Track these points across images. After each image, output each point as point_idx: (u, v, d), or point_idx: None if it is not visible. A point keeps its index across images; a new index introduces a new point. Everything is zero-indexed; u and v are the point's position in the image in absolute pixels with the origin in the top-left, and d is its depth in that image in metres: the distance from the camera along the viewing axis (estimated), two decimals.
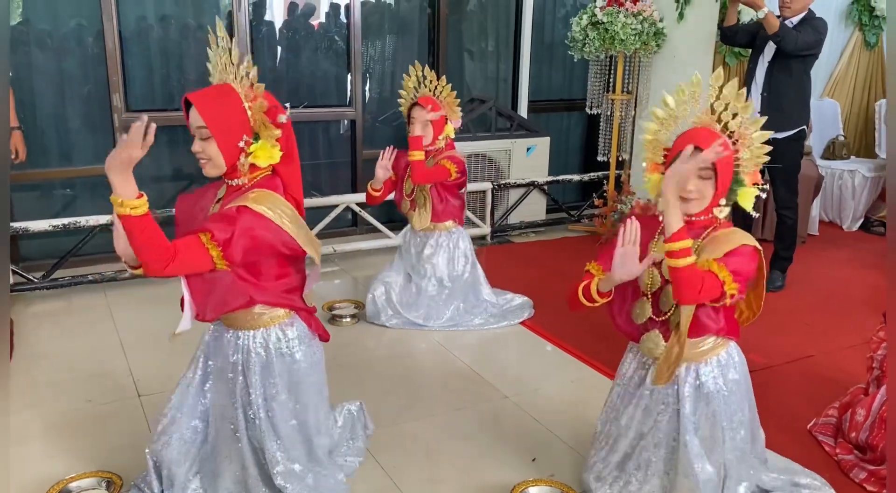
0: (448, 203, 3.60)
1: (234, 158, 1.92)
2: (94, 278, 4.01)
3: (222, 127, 1.89)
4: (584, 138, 6.21)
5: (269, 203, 1.89)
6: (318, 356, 2.18)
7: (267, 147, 1.94)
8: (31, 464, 2.40)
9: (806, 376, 3.15)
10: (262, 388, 2.05)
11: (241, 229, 1.82)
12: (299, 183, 2.04)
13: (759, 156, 1.94)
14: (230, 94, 1.93)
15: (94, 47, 4.31)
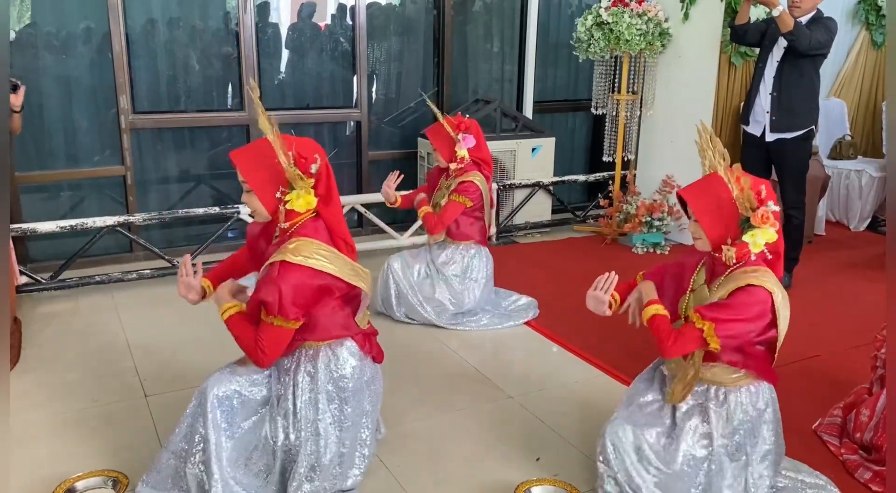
0: (462, 227, 3.65)
1: (274, 208, 2.09)
2: (101, 278, 4.03)
3: (258, 181, 2.05)
4: (589, 139, 6.21)
5: (306, 252, 2.03)
6: (370, 376, 2.25)
7: (301, 196, 2.05)
8: (37, 463, 2.42)
9: (811, 376, 3.14)
10: (309, 405, 2.13)
11: (286, 288, 1.99)
12: (342, 222, 2.18)
13: (750, 198, 1.98)
14: (265, 148, 2.04)
15: (100, 49, 4.34)
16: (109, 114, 4.41)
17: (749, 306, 1.98)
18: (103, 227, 4.02)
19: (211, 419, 2.06)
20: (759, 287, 1.98)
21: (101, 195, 4.56)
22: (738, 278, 2.01)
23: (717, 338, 1.96)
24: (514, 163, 5.24)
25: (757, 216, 1.96)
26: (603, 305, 2.18)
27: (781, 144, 4.07)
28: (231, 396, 2.11)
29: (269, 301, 1.99)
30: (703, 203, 2.02)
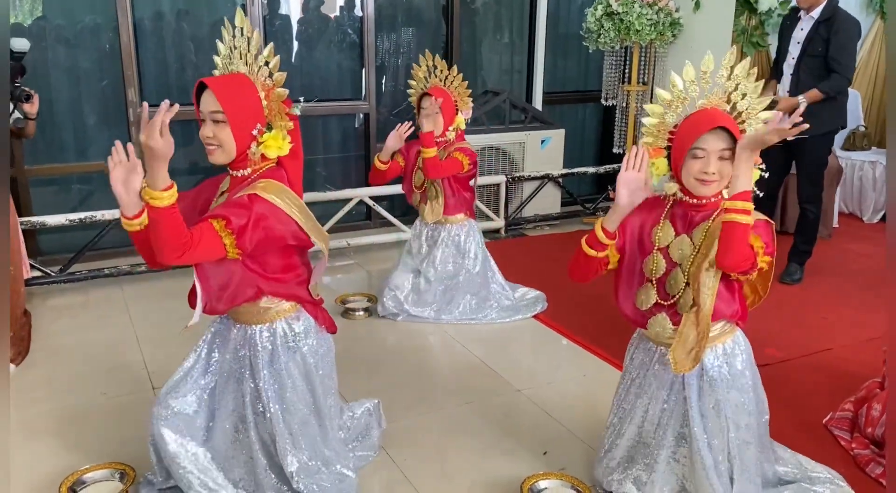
0: (459, 196, 3.59)
1: (245, 146, 1.93)
2: (110, 271, 4.05)
3: (237, 112, 1.89)
4: (599, 130, 6.16)
5: (278, 193, 1.89)
6: (326, 348, 2.17)
7: (279, 137, 1.94)
8: (45, 455, 2.43)
9: (822, 370, 3.11)
10: (271, 382, 2.05)
11: (255, 216, 1.82)
12: (300, 179, 2.03)
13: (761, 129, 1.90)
14: (246, 82, 1.93)
15: (109, 42, 4.34)
16: (118, 106, 4.41)
17: (771, 237, 1.89)
18: (112, 220, 4.02)
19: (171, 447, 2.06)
20: (765, 220, 1.91)
21: (109, 188, 4.53)
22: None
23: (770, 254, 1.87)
24: (524, 155, 5.21)
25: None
26: (641, 184, 1.87)
27: (801, 142, 3.93)
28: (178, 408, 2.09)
29: (235, 225, 1.79)
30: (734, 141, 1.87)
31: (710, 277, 1.90)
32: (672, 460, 2.11)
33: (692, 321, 1.94)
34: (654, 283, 2.04)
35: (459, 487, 2.32)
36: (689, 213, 1.99)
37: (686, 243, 1.97)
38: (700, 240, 1.95)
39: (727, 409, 2.02)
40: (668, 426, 2.09)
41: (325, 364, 2.17)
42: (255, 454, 2.12)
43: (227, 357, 2.12)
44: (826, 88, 3.82)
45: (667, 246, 2.00)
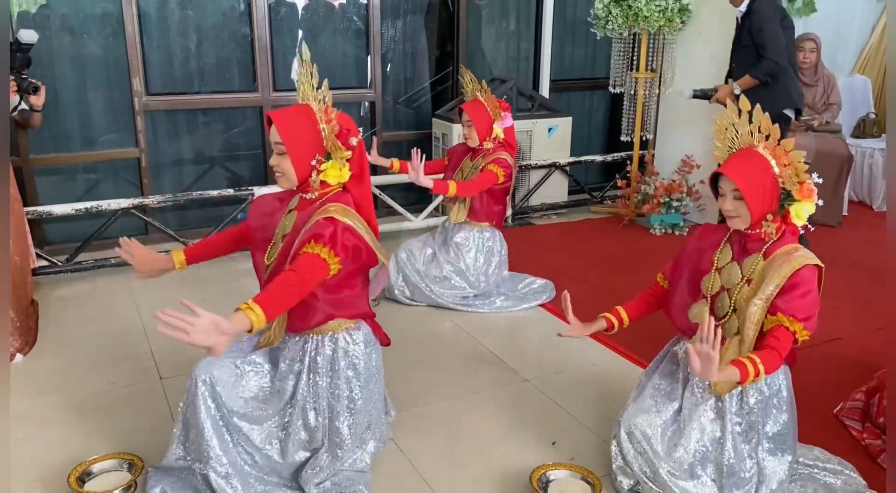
0: (487, 206, 3.60)
1: (305, 175, 2.06)
2: (116, 261, 4.04)
3: (296, 145, 2.02)
4: (607, 118, 6.12)
5: (347, 215, 2.02)
6: (378, 361, 2.26)
7: (337, 167, 2.06)
8: (54, 445, 2.43)
9: (833, 360, 3.09)
10: (327, 390, 2.13)
11: (341, 227, 1.97)
12: (370, 204, 2.16)
13: (800, 172, 1.97)
14: (307, 114, 2.05)
15: (114, 31, 4.32)
16: (123, 96, 4.39)
17: (812, 289, 1.96)
18: (118, 209, 4.02)
19: (203, 410, 2.04)
20: (813, 267, 1.96)
21: (115, 178, 4.56)
22: (788, 260, 1.96)
23: (809, 331, 1.96)
24: (531, 143, 5.18)
25: (803, 190, 1.95)
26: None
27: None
28: (222, 377, 2.08)
29: (321, 232, 1.94)
30: (749, 181, 1.96)
31: (758, 310, 1.99)
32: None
33: (735, 348, 2.03)
34: (709, 300, 2.12)
35: (468, 477, 2.32)
36: (743, 240, 2.09)
37: (735, 271, 2.07)
38: (749, 272, 2.04)
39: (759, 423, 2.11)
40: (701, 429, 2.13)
41: (376, 376, 2.25)
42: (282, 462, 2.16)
43: (281, 365, 2.18)
44: (756, 73, 3.97)
45: (723, 268, 2.11)
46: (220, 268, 3.87)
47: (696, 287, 2.16)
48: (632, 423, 2.15)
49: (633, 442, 2.14)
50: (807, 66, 5.04)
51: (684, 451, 2.09)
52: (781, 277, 1.95)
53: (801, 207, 1.98)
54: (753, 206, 1.97)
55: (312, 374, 2.14)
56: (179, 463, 2.15)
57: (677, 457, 2.09)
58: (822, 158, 4.95)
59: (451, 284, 3.62)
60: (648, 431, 2.13)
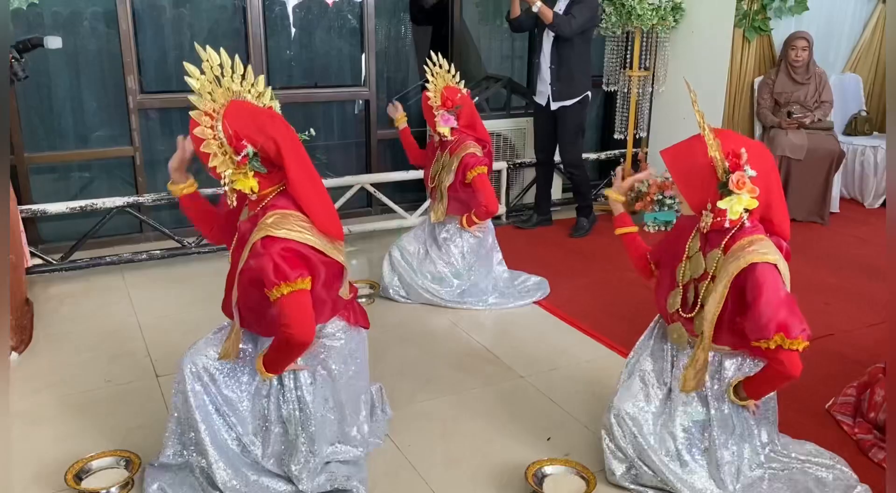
0: (462, 201, 3.57)
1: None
2: (111, 259, 4.04)
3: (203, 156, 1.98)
4: (600, 116, 6.13)
5: (286, 225, 1.93)
6: (355, 345, 2.22)
7: (240, 179, 1.95)
8: (51, 443, 2.44)
9: (825, 356, 3.11)
10: (301, 380, 2.10)
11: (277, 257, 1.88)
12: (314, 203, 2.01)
13: (722, 160, 1.91)
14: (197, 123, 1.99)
15: (108, 29, 4.31)
16: (117, 94, 4.38)
17: (772, 287, 1.90)
18: (113, 208, 4.02)
19: (193, 399, 2.06)
20: (763, 264, 1.91)
21: (110, 176, 4.55)
22: (739, 257, 1.92)
23: (793, 337, 1.90)
24: (525, 141, 5.19)
25: (732, 181, 1.89)
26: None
27: (563, 111, 4.54)
28: (208, 366, 2.10)
29: (266, 272, 1.87)
30: (679, 165, 1.97)
31: (711, 308, 1.98)
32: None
33: (702, 347, 2.05)
34: (681, 288, 2.12)
35: (464, 473, 2.33)
36: (709, 231, 2.05)
37: (699, 263, 2.06)
38: (711, 267, 2.02)
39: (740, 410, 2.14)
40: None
41: (355, 362, 2.21)
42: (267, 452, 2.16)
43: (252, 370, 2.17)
44: (558, 18, 4.28)
45: (692, 255, 2.10)
46: (213, 267, 3.88)
47: (672, 274, 2.15)
48: (621, 407, 2.17)
49: (623, 426, 2.16)
50: (799, 64, 5.07)
51: (672, 435, 2.13)
52: (728, 275, 1.93)
53: (735, 200, 1.90)
54: (683, 191, 1.97)
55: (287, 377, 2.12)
56: (177, 460, 2.17)
57: (667, 442, 2.13)
58: (814, 155, 4.99)
59: (445, 281, 3.63)
60: (638, 415, 2.15)
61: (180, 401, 2.11)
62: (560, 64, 4.43)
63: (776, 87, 5.16)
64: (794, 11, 5.28)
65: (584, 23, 4.31)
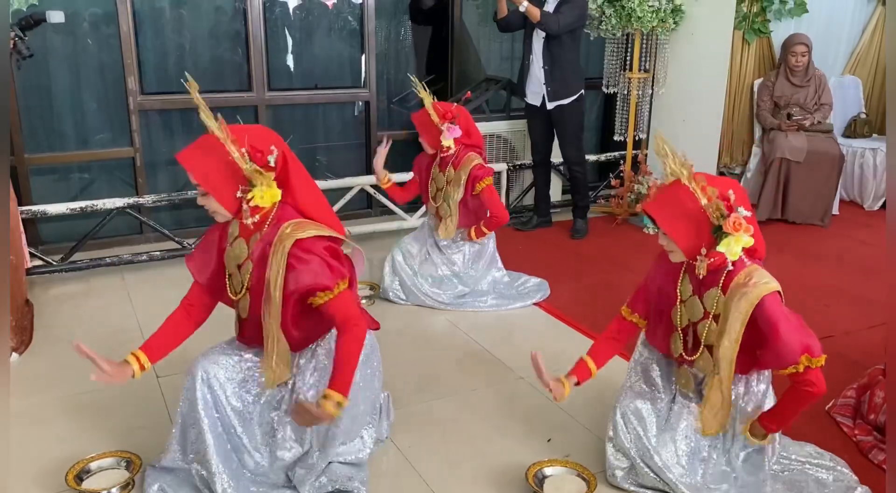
0: (472, 213, 3.59)
1: (236, 207, 1.98)
2: (111, 260, 4.04)
3: (215, 183, 1.92)
4: (600, 118, 6.14)
5: (305, 227, 1.95)
6: (370, 349, 2.19)
7: (265, 192, 1.94)
8: (52, 444, 2.44)
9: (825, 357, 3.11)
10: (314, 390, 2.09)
11: (318, 253, 1.92)
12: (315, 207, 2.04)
13: (720, 207, 1.91)
14: (214, 146, 1.91)
15: (108, 30, 4.31)
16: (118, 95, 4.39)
17: (783, 314, 1.94)
18: (113, 209, 4.02)
19: (202, 406, 2.05)
20: (770, 294, 1.94)
21: (110, 177, 4.55)
22: (746, 293, 1.93)
23: (816, 356, 1.95)
24: (524, 143, 5.19)
25: (728, 224, 1.89)
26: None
27: (560, 110, 4.56)
28: (219, 375, 2.09)
29: (318, 275, 1.89)
30: (670, 216, 1.94)
31: (729, 350, 1.97)
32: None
33: (717, 388, 2.03)
34: (681, 333, 2.13)
35: (464, 474, 2.33)
36: (696, 272, 2.04)
37: (697, 306, 2.06)
38: (712, 307, 2.02)
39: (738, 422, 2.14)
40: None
41: (370, 365, 2.20)
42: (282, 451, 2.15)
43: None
44: (546, 17, 4.29)
45: (686, 300, 2.10)
46: None
47: (669, 319, 2.16)
48: (627, 406, 2.17)
49: (628, 424, 2.16)
50: (798, 68, 5.08)
51: (674, 441, 2.13)
52: (742, 313, 1.93)
53: (732, 242, 1.90)
54: (679, 241, 1.95)
55: (300, 377, 2.12)
56: (178, 464, 2.16)
57: (668, 446, 2.13)
58: (814, 157, 4.99)
59: (445, 283, 3.63)
60: (644, 415, 2.16)
61: (187, 408, 2.09)
62: (553, 64, 4.45)
63: (776, 89, 5.17)
64: (793, 14, 5.30)
65: (572, 22, 4.33)
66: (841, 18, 5.71)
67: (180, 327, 2.15)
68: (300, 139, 5.06)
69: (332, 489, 2.15)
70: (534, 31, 4.46)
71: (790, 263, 4.28)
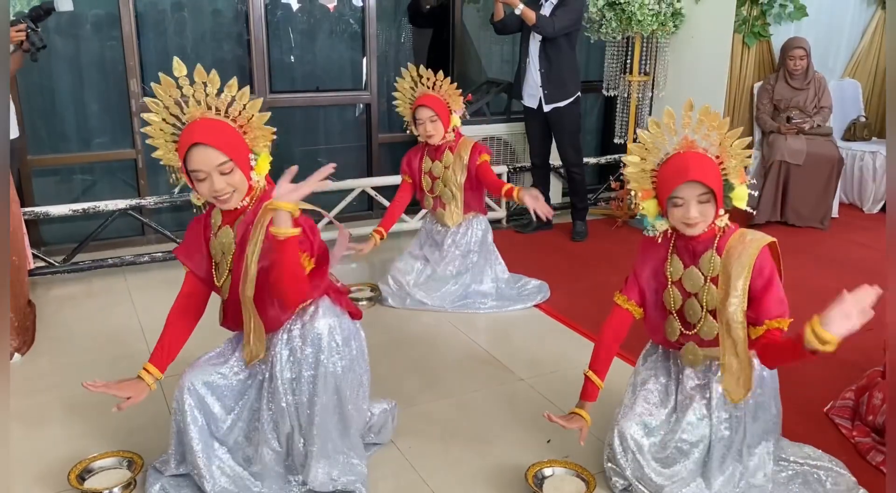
0: (476, 193, 3.62)
1: (250, 180, 2.00)
2: (113, 261, 4.06)
3: (239, 154, 1.95)
4: (600, 121, 6.16)
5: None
6: (348, 333, 2.14)
7: (264, 159, 2.01)
8: (53, 444, 2.45)
9: (823, 359, 3.06)
10: (289, 372, 2.06)
11: (309, 230, 1.95)
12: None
13: (743, 159, 1.97)
14: (218, 125, 1.96)
15: (111, 32, 4.33)
16: (120, 97, 4.41)
17: (776, 272, 1.99)
18: (115, 210, 4.03)
19: (189, 416, 2.08)
20: (766, 246, 1.99)
21: (112, 178, 4.57)
22: (744, 248, 1.97)
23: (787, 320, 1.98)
24: (525, 145, 5.21)
25: (743, 174, 1.98)
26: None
27: (557, 113, 4.59)
28: (208, 383, 2.12)
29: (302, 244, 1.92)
30: (715, 178, 1.95)
31: (737, 309, 1.97)
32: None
33: (732, 352, 2.01)
34: (675, 315, 2.14)
35: (464, 475, 2.35)
36: (690, 244, 2.07)
37: (696, 274, 2.07)
38: (708, 270, 2.04)
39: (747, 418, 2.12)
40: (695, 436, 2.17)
41: (350, 352, 2.14)
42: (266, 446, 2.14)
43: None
44: (541, 19, 4.32)
45: (679, 279, 2.10)
46: None
47: (662, 304, 2.17)
48: (625, 429, 2.17)
49: (625, 447, 2.17)
50: (797, 72, 5.10)
51: (675, 457, 2.14)
52: (745, 266, 1.96)
53: (742, 190, 2.00)
54: (721, 203, 1.98)
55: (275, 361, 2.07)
56: (181, 470, 2.18)
57: (667, 458, 2.14)
58: (813, 160, 5.01)
59: (445, 285, 3.65)
60: (642, 439, 2.16)
61: (179, 418, 2.12)
62: (549, 67, 4.48)
63: (775, 92, 5.19)
64: (793, 17, 5.32)
65: (568, 25, 4.36)
66: (840, 22, 5.73)
67: (181, 326, 2.18)
68: (302, 141, 5.08)
69: (333, 489, 2.16)
70: (530, 34, 4.49)
71: (790, 265, 4.24)
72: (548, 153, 4.85)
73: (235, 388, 2.18)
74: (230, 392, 2.17)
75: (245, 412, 2.16)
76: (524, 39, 4.58)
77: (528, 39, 4.55)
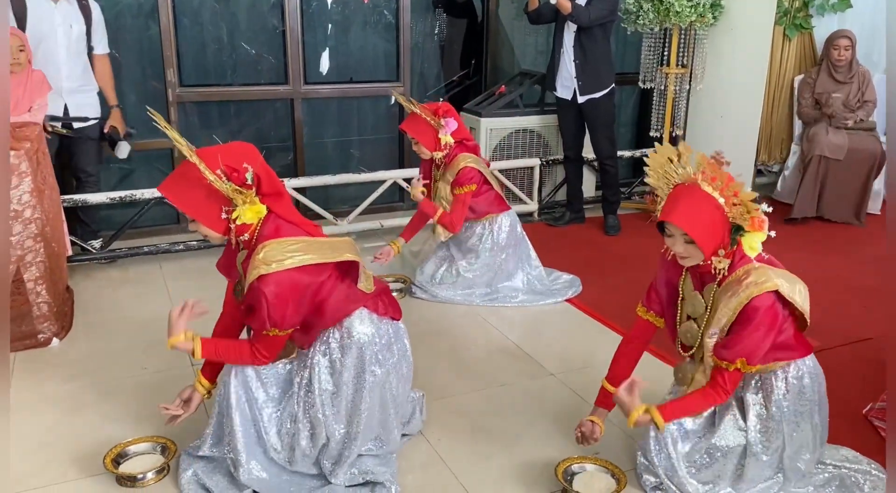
0: (478, 206, 3.59)
1: (224, 228, 2.00)
2: (149, 249, 4.12)
3: (198, 210, 1.95)
4: (636, 113, 6.08)
5: (278, 256, 1.95)
6: (389, 337, 2.20)
7: (248, 209, 1.97)
8: (89, 428, 2.50)
9: (863, 360, 3.06)
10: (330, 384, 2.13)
11: (272, 300, 1.93)
12: (294, 212, 2.10)
13: (751, 209, 1.90)
14: (190, 172, 1.92)
15: (148, 23, 4.38)
16: (157, 87, 4.46)
17: (763, 322, 1.93)
18: (151, 199, 4.08)
19: (234, 402, 2.11)
20: (762, 295, 1.92)
21: (149, 168, 4.63)
22: (738, 291, 1.94)
23: (754, 366, 1.98)
24: (557, 138, 5.16)
25: (753, 223, 1.90)
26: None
27: (592, 104, 4.55)
28: (253, 376, 2.16)
29: (260, 320, 1.96)
30: (699, 224, 1.89)
31: (713, 341, 2.02)
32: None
33: (702, 372, 2.09)
34: (679, 328, 2.15)
35: (493, 468, 2.34)
36: (698, 271, 2.06)
37: (699, 301, 2.08)
38: (709, 301, 2.04)
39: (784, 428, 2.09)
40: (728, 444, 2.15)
41: (392, 355, 2.19)
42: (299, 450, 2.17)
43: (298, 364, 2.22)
44: (577, 11, 4.28)
45: (687, 297, 2.13)
46: None
47: (673, 318, 2.17)
48: None
49: (660, 444, 2.14)
50: (841, 63, 4.97)
51: (707, 463, 2.11)
52: (731, 311, 1.95)
53: (753, 239, 1.93)
54: (706, 248, 1.91)
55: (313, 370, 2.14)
56: (213, 452, 2.21)
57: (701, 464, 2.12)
58: (854, 155, 4.89)
59: (476, 284, 3.64)
60: (678, 436, 2.14)
61: (223, 402, 2.16)
62: (584, 58, 4.43)
63: (817, 86, 5.07)
64: (836, 9, 5.18)
65: (604, 15, 4.32)
66: (885, 14, 5.57)
67: (228, 335, 2.31)
68: (334, 132, 5.09)
69: (363, 480, 2.17)
70: (565, 24, 4.45)
71: (833, 262, 4.21)
72: (581, 146, 4.80)
73: (281, 375, 2.21)
74: (275, 380, 2.20)
75: (285, 412, 2.18)
76: (558, 30, 4.54)
77: (562, 30, 4.51)
